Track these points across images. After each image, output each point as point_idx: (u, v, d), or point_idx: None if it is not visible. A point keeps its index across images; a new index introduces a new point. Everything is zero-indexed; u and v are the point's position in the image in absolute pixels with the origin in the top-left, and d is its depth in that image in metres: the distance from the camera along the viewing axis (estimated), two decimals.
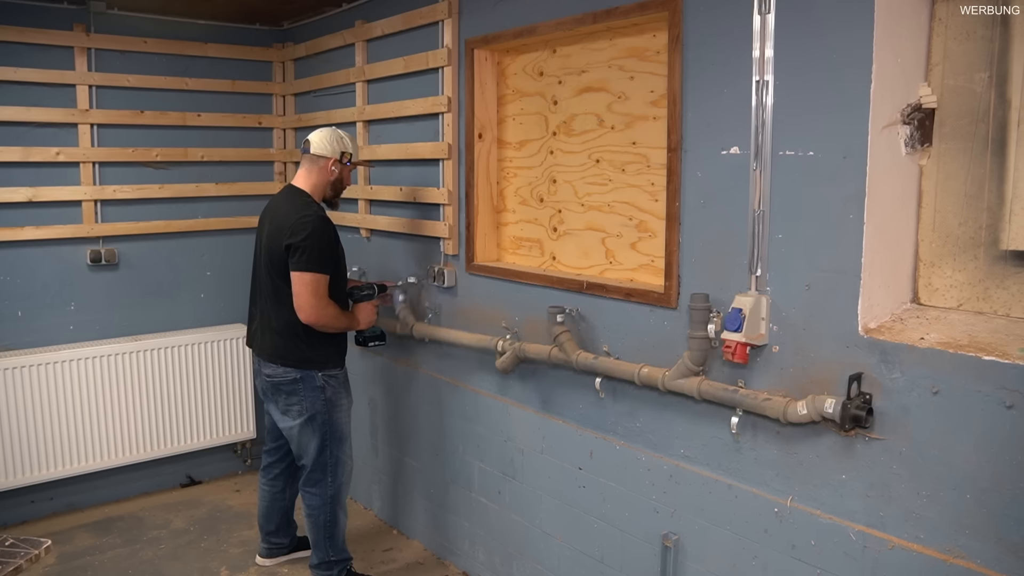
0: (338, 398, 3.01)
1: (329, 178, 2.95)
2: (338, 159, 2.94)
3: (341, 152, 2.95)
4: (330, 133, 2.96)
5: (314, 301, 2.80)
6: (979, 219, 1.84)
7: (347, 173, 3.00)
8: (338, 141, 2.95)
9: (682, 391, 2.19)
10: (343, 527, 3.12)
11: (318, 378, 2.95)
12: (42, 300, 3.79)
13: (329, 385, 2.97)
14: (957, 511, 1.71)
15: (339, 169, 2.95)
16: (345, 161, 2.95)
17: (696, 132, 2.17)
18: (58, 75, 3.71)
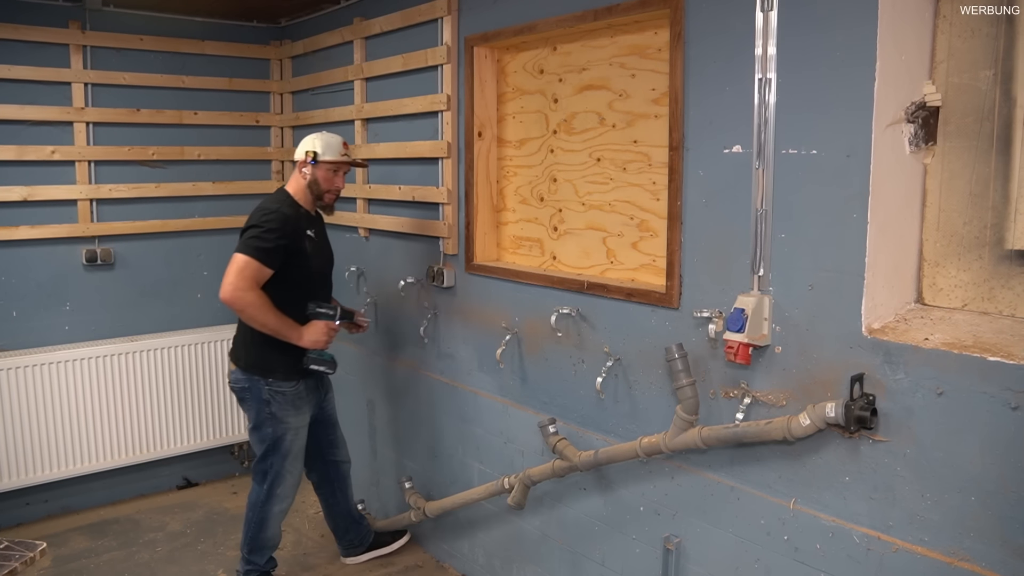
0: (284, 415, 2.93)
1: (303, 180, 2.92)
2: (305, 159, 2.90)
3: (306, 151, 2.90)
4: (309, 136, 2.96)
5: (236, 280, 2.72)
6: (984, 218, 1.84)
7: (323, 174, 2.92)
8: (310, 142, 2.92)
9: (686, 447, 2.19)
10: (271, 538, 3.12)
11: (264, 390, 2.90)
12: (37, 300, 3.79)
13: (275, 400, 2.91)
14: (962, 514, 1.71)
15: (310, 170, 2.91)
16: (309, 160, 2.89)
17: (698, 130, 2.17)
18: (53, 73, 3.71)
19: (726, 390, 2.16)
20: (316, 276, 2.96)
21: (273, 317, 2.80)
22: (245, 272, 2.72)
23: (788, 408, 2.01)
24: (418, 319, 3.38)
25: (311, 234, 2.93)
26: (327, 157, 2.90)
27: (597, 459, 2.45)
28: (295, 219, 2.84)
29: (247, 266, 2.73)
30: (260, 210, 2.84)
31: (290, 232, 2.80)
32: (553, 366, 2.74)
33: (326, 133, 2.96)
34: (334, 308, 2.94)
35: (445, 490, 3.34)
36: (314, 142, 2.92)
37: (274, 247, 2.76)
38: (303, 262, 2.87)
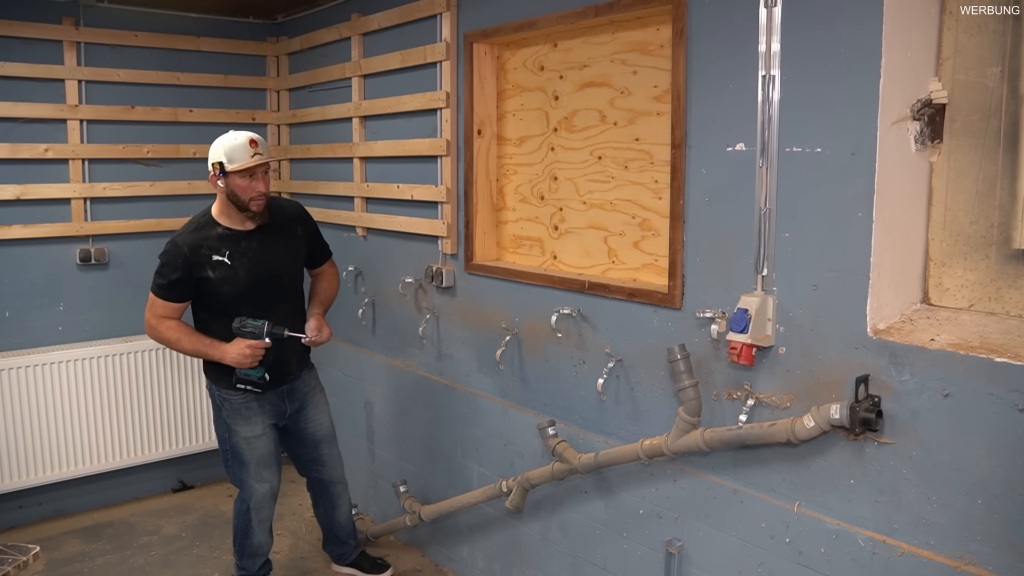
0: (232, 423, 2.92)
1: (223, 194, 2.76)
2: (213, 173, 2.72)
3: (213, 164, 2.71)
4: (213, 145, 2.75)
5: (147, 316, 2.79)
6: (991, 217, 1.84)
7: (237, 183, 2.71)
8: (213, 152, 2.72)
9: (688, 449, 2.19)
10: (258, 545, 3.12)
11: (216, 395, 2.93)
12: (30, 300, 3.79)
13: (224, 407, 2.92)
14: (968, 517, 1.71)
15: (223, 183, 2.72)
16: (217, 172, 2.70)
17: (701, 128, 2.17)
18: (46, 69, 3.71)
19: (729, 391, 2.16)
20: (236, 300, 2.79)
21: (189, 342, 2.79)
22: (153, 308, 2.77)
23: (792, 410, 2.01)
24: (417, 319, 3.38)
25: (220, 258, 2.75)
26: (234, 165, 2.68)
27: (598, 461, 2.45)
28: (195, 246, 2.72)
29: (153, 302, 2.77)
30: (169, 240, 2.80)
31: (183, 264, 2.71)
32: (553, 367, 2.74)
33: (230, 134, 2.74)
34: (260, 325, 2.77)
35: (444, 493, 3.34)
36: (218, 152, 2.71)
37: (168, 283, 2.73)
38: (211, 289, 2.77)
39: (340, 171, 3.83)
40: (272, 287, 2.88)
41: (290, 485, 4.32)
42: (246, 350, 2.75)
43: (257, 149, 2.72)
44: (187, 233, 2.75)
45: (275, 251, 2.88)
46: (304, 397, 3.08)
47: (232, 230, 2.80)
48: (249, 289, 2.80)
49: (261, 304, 2.83)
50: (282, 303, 2.92)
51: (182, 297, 2.76)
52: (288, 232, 2.95)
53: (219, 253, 2.76)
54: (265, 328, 2.78)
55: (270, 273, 2.87)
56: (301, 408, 3.07)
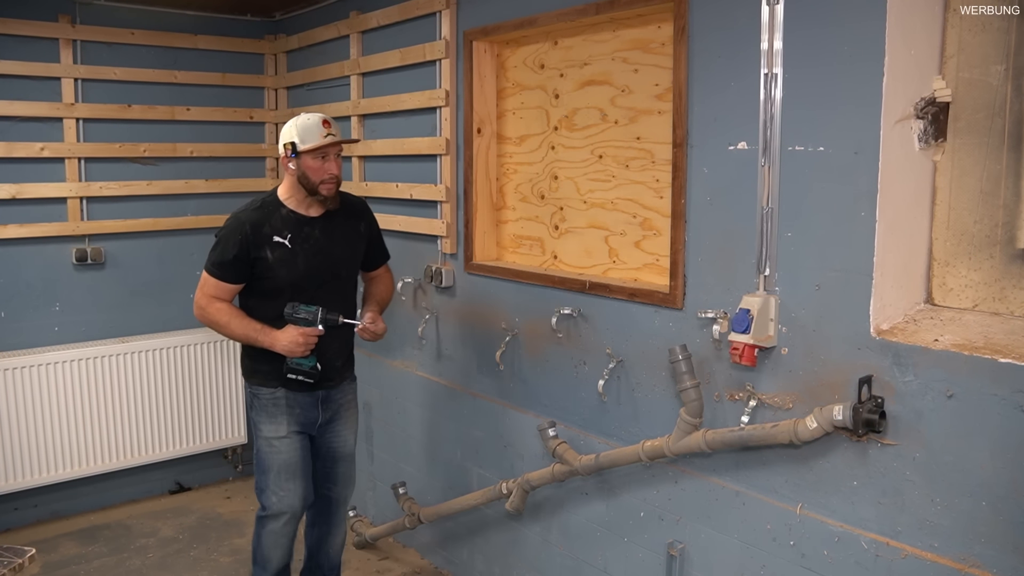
0: (258, 420, 2.76)
1: (293, 176, 2.64)
2: (285, 154, 2.62)
3: (284, 144, 2.62)
4: (286, 125, 2.66)
5: (197, 296, 2.66)
6: (995, 217, 1.84)
7: (310, 164, 2.60)
8: (287, 132, 2.63)
9: (690, 451, 2.19)
10: (268, 559, 2.83)
11: (248, 393, 2.80)
12: (26, 300, 3.79)
13: (254, 404, 2.77)
14: (972, 519, 1.71)
15: (295, 164, 2.61)
16: (289, 153, 2.60)
17: (702, 127, 2.17)
18: (42, 68, 3.71)
19: (731, 392, 2.16)
20: (289, 287, 2.65)
21: (239, 326, 2.64)
22: (204, 288, 2.65)
23: (795, 411, 2.01)
24: (416, 320, 3.38)
25: (281, 240, 2.62)
26: (308, 144, 2.58)
27: (599, 463, 2.45)
28: (258, 224, 2.61)
29: (205, 282, 2.65)
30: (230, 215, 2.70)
31: (242, 241, 2.59)
32: (554, 368, 2.74)
33: (303, 116, 2.64)
34: (313, 311, 2.64)
35: (443, 494, 3.34)
36: (291, 131, 2.61)
37: (225, 261, 2.60)
38: (266, 272, 2.63)
39: None
40: (328, 279, 2.73)
41: None
42: (299, 337, 2.61)
43: (331, 129, 2.61)
44: (250, 210, 2.65)
45: (336, 242, 2.74)
46: (338, 408, 2.87)
47: (297, 213, 2.67)
48: (305, 277, 2.67)
49: (314, 296, 2.69)
50: (336, 298, 2.74)
51: (238, 277, 2.63)
52: (351, 226, 2.81)
53: (280, 234, 2.63)
54: (319, 314, 2.63)
55: (329, 264, 2.73)
56: (332, 420, 2.86)
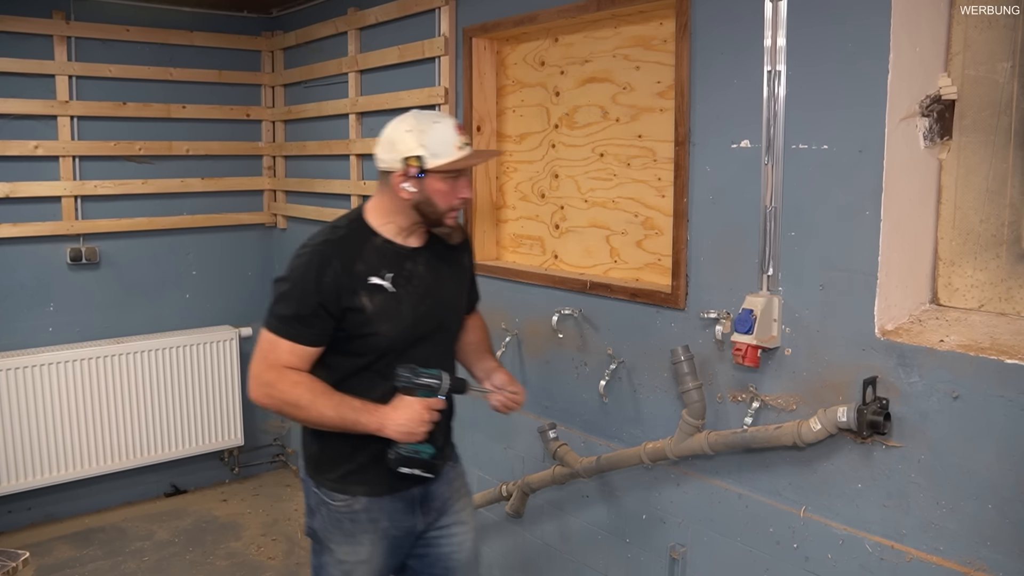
0: (329, 536, 2.00)
1: (406, 200, 1.89)
2: (402, 172, 1.86)
3: (404, 159, 1.85)
4: (393, 128, 1.90)
5: (258, 369, 1.88)
6: (1001, 216, 1.84)
7: (438, 188, 1.87)
8: (402, 139, 1.86)
9: (692, 453, 2.19)
10: None
11: (312, 494, 2.03)
12: (19, 300, 3.79)
13: (320, 512, 2.00)
14: (978, 521, 1.71)
15: (417, 187, 1.87)
16: (414, 173, 1.85)
17: (705, 125, 2.17)
18: (36, 65, 3.71)
19: (734, 394, 2.16)
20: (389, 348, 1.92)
21: (330, 406, 1.86)
22: (269, 355, 1.87)
23: (798, 412, 2.01)
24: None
25: (380, 281, 1.90)
26: (441, 161, 1.85)
27: (600, 465, 2.45)
28: (349, 259, 1.87)
29: (272, 347, 1.87)
30: (299, 248, 1.93)
31: (330, 285, 1.84)
32: (554, 369, 2.74)
33: (422, 115, 1.90)
34: (437, 377, 1.94)
35: None
36: (412, 140, 1.85)
37: (306, 312, 1.85)
38: (360, 327, 1.88)
39: (336, 168, 3.83)
40: (437, 333, 2.03)
41: (285, 490, 4.33)
42: (424, 413, 1.90)
43: (465, 137, 1.92)
44: (335, 240, 1.90)
45: (444, 282, 2.05)
46: (444, 504, 2.12)
47: (394, 244, 1.95)
48: (411, 332, 1.95)
49: (420, 358, 1.96)
50: (442, 358, 2.06)
51: (319, 337, 1.87)
52: (455, 259, 2.11)
53: (378, 274, 1.90)
54: (445, 382, 1.95)
55: (437, 311, 2.01)
56: (437, 520, 2.12)
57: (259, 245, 4.41)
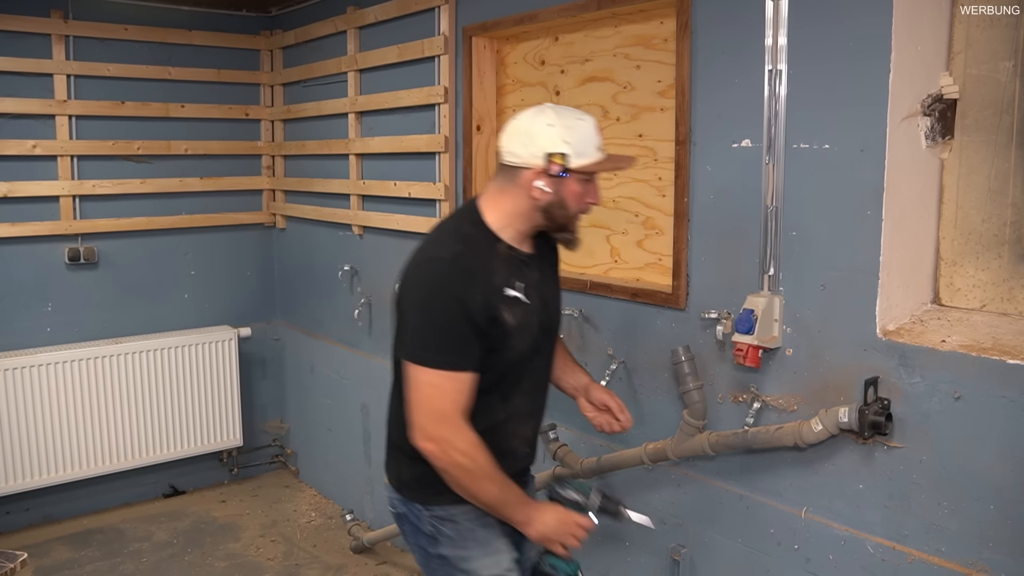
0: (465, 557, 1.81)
1: (534, 202, 1.74)
2: (543, 168, 1.71)
3: (547, 155, 1.70)
4: (530, 121, 1.74)
5: (422, 421, 1.69)
6: (1003, 215, 1.84)
7: (572, 190, 1.73)
8: (543, 134, 1.70)
9: (693, 453, 2.20)
10: None
11: (425, 519, 1.82)
12: (17, 300, 3.79)
13: (443, 532, 1.81)
14: (980, 523, 1.71)
15: (551, 186, 1.72)
16: (556, 171, 1.70)
17: (706, 124, 2.17)
18: (34, 64, 3.71)
19: (735, 394, 2.16)
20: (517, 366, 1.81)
21: (495, 486, 1.73)
22: (436, 401, 1.67)
23: (799, 413, 2.01)
24: None
25: (515, 293, 1.76)
26: (585, 161, 1.72)
27: (600, 466, 2.45)
28: (488, 271, 1.72)
29: (435, 390, 1.67)
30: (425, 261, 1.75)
31: (480, 300, 1.68)
32: None
33: (562, 111, 1.75)
34: (585, 491, 1.83)
35: None
36: (558, 137, 1.70)
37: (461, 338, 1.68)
38: (498, 345, 1.74)
39: (336, 168, 3.83)
40: (549, 344, 1.94)
41: (284, 491, 4.33)
42: (574, 528, 1.78)
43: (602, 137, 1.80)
44: (469, 250, 1.73)
45: (552, 290, 1.96)
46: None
47: (516, 251, 1.80)
48: (534, 344, 1.82)
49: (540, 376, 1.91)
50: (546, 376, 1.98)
51: (478, 360, 1.71)
52: (552, 263, 2.00)
53: (512, 285, 1.75)
54: (593, 498, 1.82)
55: (553, 322, 1.94)
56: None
57: (258, 245, 4.41)
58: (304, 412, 4.35)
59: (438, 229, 1.85)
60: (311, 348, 4.21)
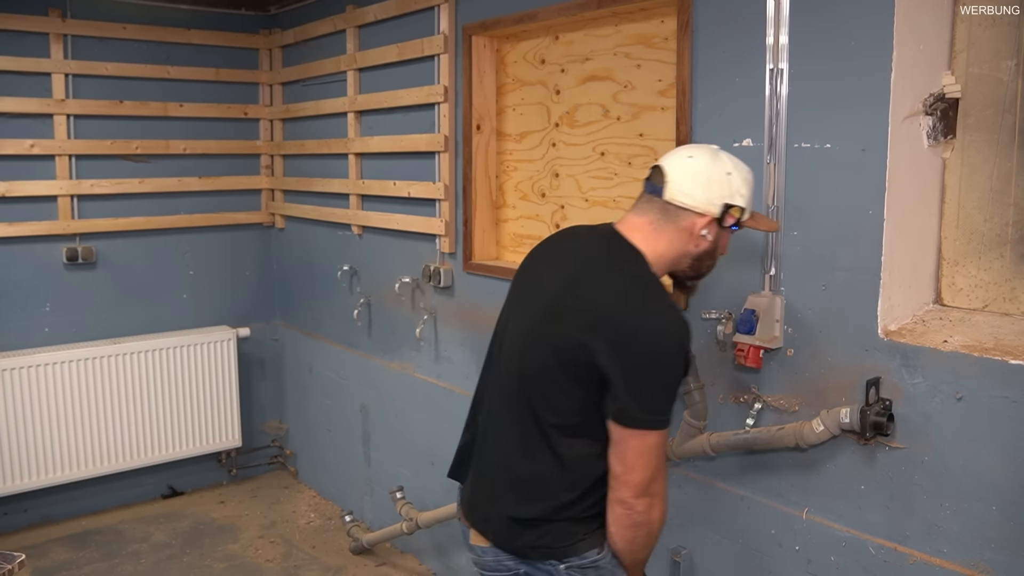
0: None
1: (692, 248, 1.68)
2: (716, 217, 1.66)
3: (726, 206, 1.65)
4: (709, 165, 1.67)
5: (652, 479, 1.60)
6: (1005, 215, 1.84)
7: (725, 239, 1.73)
8: (722, 182, 1.65)
9: (694, 454, 2.19)
10: None
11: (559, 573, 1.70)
12: (15, 300, 3.79)
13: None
14: (982, 524, 1.71)
15: (714, 235, 1.68)
16: (729, 224, 1.67)
17: (706, 123, 2.17)
18: (32, 63, 3.71)
19: (735, 395, 2.16)
20: None
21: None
22: (659, 459, 1.61)
23: (800, 414, 2.01)
24: (414, 321, 3.38)
25: None
26: (746, 216, 1.70)
27: None
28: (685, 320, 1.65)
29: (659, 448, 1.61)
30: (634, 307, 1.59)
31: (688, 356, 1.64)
32: None
33: (739, 164, 1.72)
34: None
35: (442, 499, 3.34)
36: (736, 189, 1.66)
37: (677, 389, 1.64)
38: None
39: (335, 167, 3.83)
40: None
41: (283, 491, 4.33)
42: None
43: None
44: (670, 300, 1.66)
45: None
46: None
47: None
48: None
49: None
50: None
51: None
52: None
53: None
54: None
55: None
56: None
57: (257, 245, 4.42)
58: (303, 413, 4.35)
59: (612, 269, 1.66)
60: (310, 348, 4.21)
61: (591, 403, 1.61)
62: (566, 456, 1.65)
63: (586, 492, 1.66)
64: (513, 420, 1.71)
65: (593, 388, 1.59)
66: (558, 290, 1.67)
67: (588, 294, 1.62)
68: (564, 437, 1.65)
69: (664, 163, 1.70)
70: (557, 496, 1.66)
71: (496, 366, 1.82)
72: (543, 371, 1.64)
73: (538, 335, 1.66)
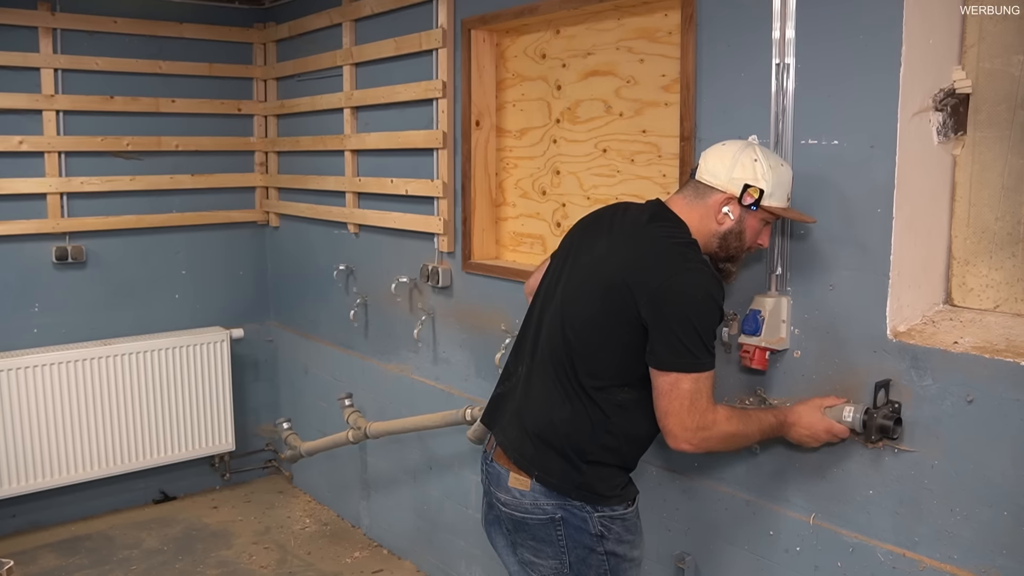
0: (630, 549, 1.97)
1: (716, 226, 1.87)
2: (736, 196, 1.84)
3: (744, 185, 1.82)
4: (736, 150, 1.86)
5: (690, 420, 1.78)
6: (1017, 213, 1.84)
7: (753, 224, 1.87)
8: (747, 165, 1.83)
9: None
10: None
11: (593, 521, 1.90)
12: (3, 301, 3.79)
13: (613, 531, 1.92)
14: (994, 529, 1.71)
15: (736, 214, 1.85)
16: (748, 203, 1.83)
17: (711, 119, 2.17)
18: (21, 57, 3.71)
19: (741, 397, 2.16)
20: None
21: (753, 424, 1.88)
22: (698, 402, 1.78)
23: None
24: (411, 321, 3.38)
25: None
26: (774, 202, 1.85)
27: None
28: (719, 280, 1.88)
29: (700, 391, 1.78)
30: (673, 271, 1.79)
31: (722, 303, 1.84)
32: None
33: (771, 154, 1.88)
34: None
35: (440, 504, 3.34)
36: (760, 173, 1.82)
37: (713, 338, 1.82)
38: None
39: (331, 164, 3.83)
40: None
41: (277, 496, 4.33)
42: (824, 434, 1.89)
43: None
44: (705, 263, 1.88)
45: None
46: None
47: None
48: None
49: None
50: None
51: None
52: None
53: None
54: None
55: None
56: None
57: (251, 244, 4.42)
58: (298, 415, 4.34)
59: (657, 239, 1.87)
60: (305, 350, 4.21)
61: (632, 354, 1.83)
62: (605, 405, 1.87)
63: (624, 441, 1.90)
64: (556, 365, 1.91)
65: (635, 338, 1.81)
66: (606, 251, 1.91)
67: (632, 255, 1.86)
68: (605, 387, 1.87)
69: (707, 151, 1.92)
70: (598, 438, 1.88)
71: (540, 319, 2.01)
72: (589, 322, 1.87)
73: (587, 290, 1.90)
